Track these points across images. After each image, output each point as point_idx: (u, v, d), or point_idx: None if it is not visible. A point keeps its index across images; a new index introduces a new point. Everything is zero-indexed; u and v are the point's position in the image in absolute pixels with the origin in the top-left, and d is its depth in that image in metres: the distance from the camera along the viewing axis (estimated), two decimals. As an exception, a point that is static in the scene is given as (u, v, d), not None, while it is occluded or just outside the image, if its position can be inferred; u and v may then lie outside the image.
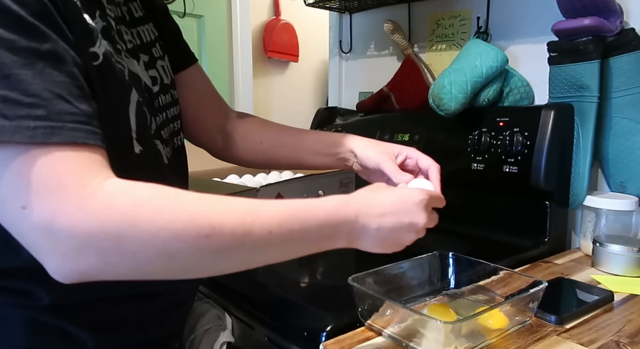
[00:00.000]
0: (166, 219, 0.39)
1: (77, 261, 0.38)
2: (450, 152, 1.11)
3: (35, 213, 0.37)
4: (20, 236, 0.39)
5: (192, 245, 0.40)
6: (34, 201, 0.37)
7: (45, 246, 0.38)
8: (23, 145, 0.37)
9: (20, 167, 0.37)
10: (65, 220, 0.37)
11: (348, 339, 0.61)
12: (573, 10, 0.93)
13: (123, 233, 0.38)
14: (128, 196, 0.40)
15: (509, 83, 1.09)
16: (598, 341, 0.61)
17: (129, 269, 0.40)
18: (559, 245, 1.01)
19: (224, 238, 0.41)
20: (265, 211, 0.44)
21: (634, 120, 0.93)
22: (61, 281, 0.40)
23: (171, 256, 0.40)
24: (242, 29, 2.52)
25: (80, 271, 0.39)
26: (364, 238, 0.52)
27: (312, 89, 2.90)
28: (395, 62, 1.42)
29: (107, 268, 0.39)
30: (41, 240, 0.38)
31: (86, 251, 0.38)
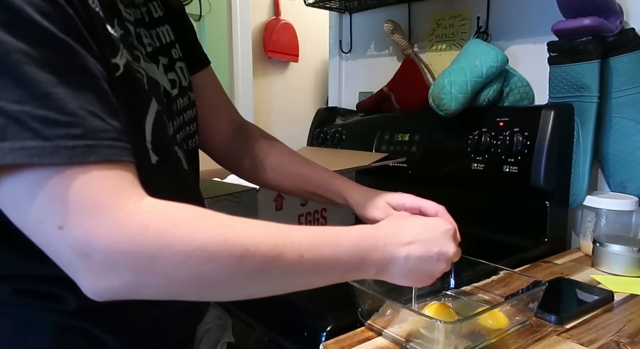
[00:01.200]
0: (201, 240, 0.39)
1: (111, 280, 0.38)
2: (450, 152, 1.11)
3: (72, 234, 0.37)
4: (55, 256, 0.39)
5: (225, 266, 0.40)
6: (71, 221, 0.37)
7: (80, 266, 0.38)
8: (58, 166, 0.37)
9: (57, 187, 0.37)
10: (102, 240, 0.37)
11: (348, 339, 0.61)
12: (573, 10, 0.93)
13: (158, 254, 0.38)
14: (163, 218, 0.40)
15: (509, 83, 1.09)
16: (598, 341, 0.61)
17: (161, 289, 0.40)
18: (559, 245, 1.01)
19: (256, 260, 0.41)
20: (296, 235, 0.44)
21: (634, 120, 0.93)
22: (94, 298, 0.40)
23: (203, 277, 0.40)
24: (242, 29, 2.52)
25: (113, 290, 0.39)
26: (393, 267, 0.50)
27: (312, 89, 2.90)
28: (395, 62, 1.42)
29: (140, 288, 0.40)
30: (77, 259, 0.38)
31: (121, 271, 0.38)
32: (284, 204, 0.98)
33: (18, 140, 0.36)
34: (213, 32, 2.42)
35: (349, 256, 0.47)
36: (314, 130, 1.50)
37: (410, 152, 1.19)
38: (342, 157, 1.19)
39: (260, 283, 0.43)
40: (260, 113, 2.68)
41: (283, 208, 0.98)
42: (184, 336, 0.64)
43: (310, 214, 1.04)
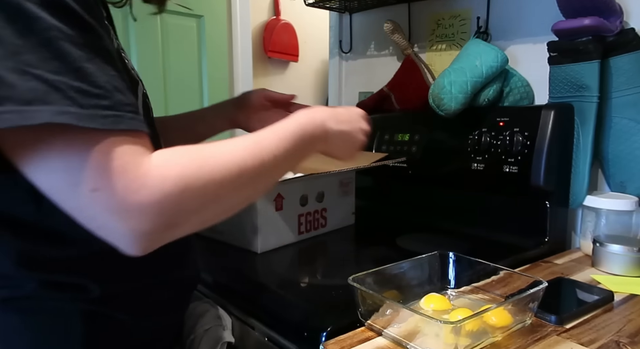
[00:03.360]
0: (208, 173, 0.46)
1: (148, 231, 0.42)
2: (450, 152, 1.11)
3: (105, 195, 0.40)
4: (89, 219, 0.42)
5: (231, 184, 0.48)
6: (104, 184, 0.40)
7: (116, 225, 0.41)
8: (92, 132, 0.40)
9: (90, 151, 0.40)
10: (133, 197, 0.41)
11: (348, 339, 0.61)
12: (573, 10, 0.93)
13: (181, 195, 0.43)
14: (174, 164, 0.45)
15: (509, 83, 1.09)
16: (598, 341, 0.61)
17: (191, 224, 0.46)
18: (559, 245, 1.01)
19: (250, 171, 0.49)
20: (264, 141, 0.53)
21: (634, 120, 0.93)
22: (135, 253, 0.44)
23: (219, 199, 0.48)
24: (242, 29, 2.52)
25: (151, 239, 0.43)
26: (331, 139, 0.64)
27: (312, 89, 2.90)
28: (395, 62, 1.42)
29: (174, 229, 0.45)
30: (113, 219, 0.41)
31: (155, 220, 0.42)
32: (284, 204, 0.98)
33: (60, 105, 0.39)
34: (213, 32, 2.42)
35: (303, 140, 0.58)
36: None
37: (410, 152, 1.19)
38: (342, 157, 1.19)
39: (258, 184, 0.53)
40: (260, 113, 2.68)
41: (283, 208, 0.98)
42: (181, 318, 0.71)
43: (310, 214, 1.04)
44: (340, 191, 1.12)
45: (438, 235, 1.08)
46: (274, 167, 0.53)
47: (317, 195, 1.05)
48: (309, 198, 1.04)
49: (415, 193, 1.21)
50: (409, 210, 1.22)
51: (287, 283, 0.81)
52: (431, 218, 1.16)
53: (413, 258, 0.75)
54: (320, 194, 1.06)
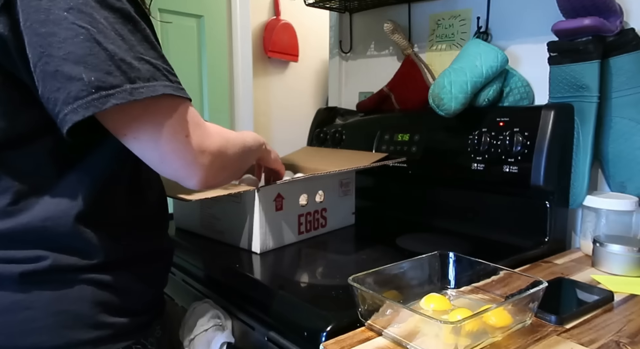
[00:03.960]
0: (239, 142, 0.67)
1: (214, 169, 0.59)
2: (450, 152, 1.11)
3: (194, 140, 0.56)
4: (179, 157, 0.55)
5: (242, 150, 0.68)
6: (192, 131, 0.56)
7: (198, 161, 0.57)
8: (179, 99, 0.56)
9: (182, 111, 0.56)
10: (208, 142, 0.58)
11: (348, 339, 0.61)
12: (573, 10, 0.93)
13: (226, 147, 0.62)
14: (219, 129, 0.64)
15: (509, 83, 1.09)
16: (598, 341, 0.61)
17: (228, 171, 0.64)
18: (559, 245, 1.01)
19: (247, 147, 0.71)
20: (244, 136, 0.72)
21: (634, 120, 0.93)
22: (199, 184, 0.58)
23: (239, 157, 0.66)
24: (242, 29, 2.52)
25: (215, 174, 0.59)
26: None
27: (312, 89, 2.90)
28: (395, 62, 1.42)
29: (222, 172, 0.61)
30: (197, 156, 0.56)
31: (215, 161, 0.59)
32: (284, 204, 0.98)
33: (163, 81, 0.53)
34: (213, 32, 2.42)
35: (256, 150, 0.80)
36: (314, 130, 1.50)
37: (410, 152, 1.19)
38: (342, 157, 1.19)
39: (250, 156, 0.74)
40: (260, 113, 2.68)
41: (283, 208, 0.98)
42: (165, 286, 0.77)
43: (310, 214, 1.04)
44: (340, 191, 1.12)
45: (438, 235, 1.08)
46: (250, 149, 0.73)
47: (317, 195, 1.05)
48: (309, 198, 1.04)
49: (415, 193, 1.21)
50: (409, 210, 1.22)
51: (287, 283, 0.81)
52: (431, 218, 1.16)
53: (413, 258, 0.75)
54: (320, 194, 1.06)
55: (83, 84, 0.48)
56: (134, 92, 0.50)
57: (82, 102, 0.48)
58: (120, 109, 0.51)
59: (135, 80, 0.50)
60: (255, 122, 2.63)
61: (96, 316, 0.59)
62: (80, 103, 0.48)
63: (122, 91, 0.49)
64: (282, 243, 0.99)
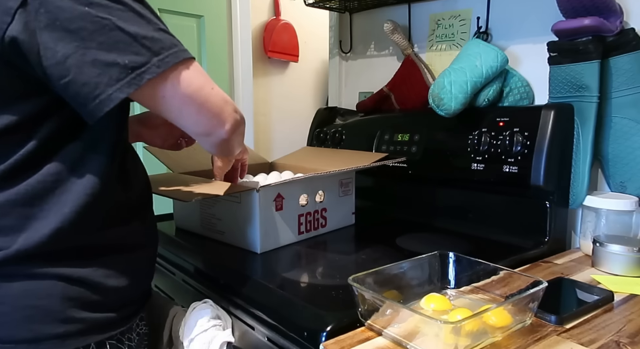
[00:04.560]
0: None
1: (235, 116, 0.66)
2: (450, 152, 1.11)
3: (217, 91, 0.63)
4: (208, 105, 0.62)
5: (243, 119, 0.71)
6: (213, 84, 0.63)
7: (226, 108, 0.65)
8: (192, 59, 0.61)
9: (198, 69, 0.62)
10: (225, 95, 0.65)
11: (348, 339, 0.61)
12: (573, 10, 0.93)
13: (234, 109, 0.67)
14: None
15: (509, 83, 1.09)
16: (598, 341, 0.61)
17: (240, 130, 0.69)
18: (559, 245, 1.01)
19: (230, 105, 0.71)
20: None
21: (634, 120, 0.93)
22: (229, 131, 0.65)
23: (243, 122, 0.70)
24: (242, 29, 2.51)
25: (236, 123, 0.66)
26: None
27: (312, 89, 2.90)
28: (395, 62, 1.42)
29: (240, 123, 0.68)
30: (224, 104, 0.64)
31: (236, 111, 0.67)
32: (284, 204, 0.98)
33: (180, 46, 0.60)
34: (213, 32, 2.41)
35: None
36: (314, 130, 1.50)
37: (410, 152, 1.19)
38: (342, 157, 1.19)
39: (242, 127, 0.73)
40: (260, 113, 2.68)
41: (283, 208, 0.98)
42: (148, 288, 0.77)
43: (310, 214, 1.04)
44: (340, 191, 1.12)
45: (438, 235, 1.08)
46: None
47: (317, 195, 1.05)
48: (309, 198, 1.04)
49: (415, 193, 1.21)
50: (409, 210, 1.22)
51: (287, 283, 0.81)
52: (431, 218, 1.16)
53: (413, 258, 0.75)
54: (320, 194, 1.06)
55: (120, 68, 0.56)
56: (160, 63, 0.58)
57: (124, 82, 0.56)
58: (154, 81, 0.58)
59: (160, 51, 0.58)
60: (255, 122, 2.63)
61: (66, 311, 0.60)
62: (123, 83, 0.56)
63: (151, 65, 0.57)
64: (282, 243, 0.99)
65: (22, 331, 0.58)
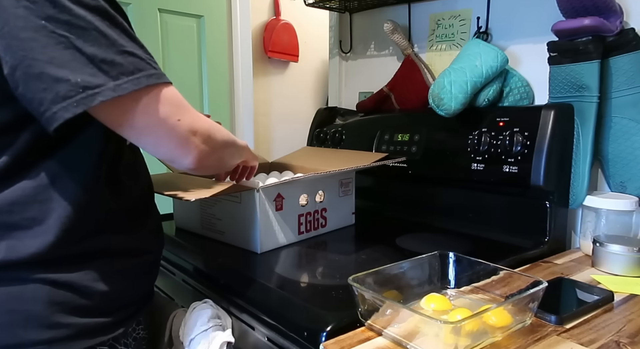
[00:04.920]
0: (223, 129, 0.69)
1: (204, 149, 0.62)
2: (450, 152, 1.11)
3: (185, 122, 0.59)
4: (173, 138, 0.59)
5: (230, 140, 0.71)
6: (182, 114, 0.59)
7: (190, 141, 0.60)
8: (165, 84, 0.58)
9: (167, 96, 0.58)
10: (197, 124, 0.61)
11: (348, 339, 0.61)
12: (573, 10, 0.93)
13: (213, 130, 0.65)
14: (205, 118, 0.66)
15: (509, 83, 1.09)
16: (598, 341, 0.61)
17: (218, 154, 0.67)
18: (559, 245, 1.01)
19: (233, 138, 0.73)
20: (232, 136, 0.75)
21: (634, 120, 0.93)
22: (194, 164, 0.61)
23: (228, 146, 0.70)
24: (242, 29, 2.51)
25: (206, 153, 0.62)
26: None
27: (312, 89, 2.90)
28: (395, 62, 1.42)
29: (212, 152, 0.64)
30: (189, 137, 0.60)
31: (206, 141, 0.62)
32: (284, 204, 0.98)
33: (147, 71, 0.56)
34: (213, 32, 2.41)
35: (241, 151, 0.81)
36: (314, 130, 1.50)
37: (410, 152, 1.19)
38: (342, 157, 1.19)
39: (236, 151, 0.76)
40: (260, 113, 2.68)
41: (283, 208, 0.98)
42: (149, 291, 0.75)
43: (310, 214, 1.04)
44: (340, 191, 1.12)
45: (438, 235, 1.08)
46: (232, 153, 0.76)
47: (317, 195, 1.05)
48: (309, 198, 1.04)
49: (415, 193, 1.21)
50: (409, 210, 1.22)
51: (287, 283, 0.81)
52: (431, 218, 1.16)
53: (413, 258, 0.75)
54: (320, 194, 1.06)
55: (70, 85, 0.51)
56: (117, 88, 0.53)
57: (72, 101, 0.51)
58: (110, 104, 0.54)
59: (118, 77, 0.53)
60: (255, 122, 2.63)
61: (51, 316, 0.58)
62: (70, 102, 0.51)
63: (106, 89, 0.52)
64: (282, 243, 0.99)
65: (5, 336, 0.56)
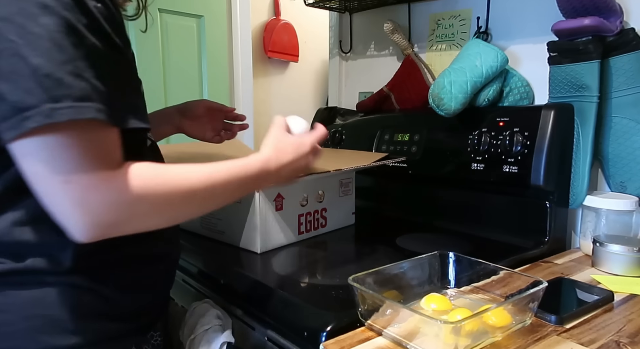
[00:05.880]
0: (164, 190, 0.53)
1: (100, 224, 0.49)
2: (450, 152, 1.11)
3: (77, 187, 0.47)
4: (52, 204, 0.48)
5: (182, 202, 0.56)
6: (77, 177, 0.47)
7: (74, 213, 0.48)
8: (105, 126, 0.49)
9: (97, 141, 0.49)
10: (100, 194, 0.48)
11: (348, 339, 0.61)
12: (573, 10, 0.93)
13: (139, 202, 0.51)
14: (140, 176, 0.52)
15: (509, 83, 1.09)
16: (598, 341, 0.61)
17: (136, 227, 0.53)
18: (559, 245, 1.01)
19: (200, 194, 0.58)
20: (220, 172, 0.61)
21: (634, 120, 0.93)
22: (82, 240, 0.49)
23: (165, 213, 0.56)
24: (242, 29, 2.52)
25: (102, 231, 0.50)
26: (274, 176, 0.71)
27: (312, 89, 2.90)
28: (395, 62, 1.42)
29: (120, 227, 0.51)
30: (73, 208, 0.47)
31: (107, 217, 0.49)
32: (284, 204, 0.98)
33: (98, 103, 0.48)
34: (213, 32, 2.42)
35: (254, 181, 0.67)
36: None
37: (410, 152, 1.19)
38: (342, 157, 1.19)
39: (206, 205, 0.61)
40: (260, 113, 2.68)
41: (283, 208, 0.98)
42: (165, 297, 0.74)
43: (310, 214, 1.04)
44: (340, 191, 1.12)
45: (438, 235, 1.08)
46: (222, 195, 0.62)
47: (317, 195, 1.05)
48: (309, 198, 1.04)
49: (415, 193, 1.21)
50: (409, 210, 1.22)
51: (287, 283, 0.81)
52: (431, 218, 1.16)
53: (413, 258, 0.75)
54: (320, 194, 1.06)
55: (7, 104, 0.45)
56: (52, 113, 0.45)
57: (8, 124, 0.45)
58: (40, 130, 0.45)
59: (60, 99, 0.45)
60: (255, 122, 2.63)
61: (74, 321, 0.57)
62: (6, 126, 0.45)
63: (37, 113, 0.45)
64: (282, 243, 0.99)
65: (28, 342, 0.55)
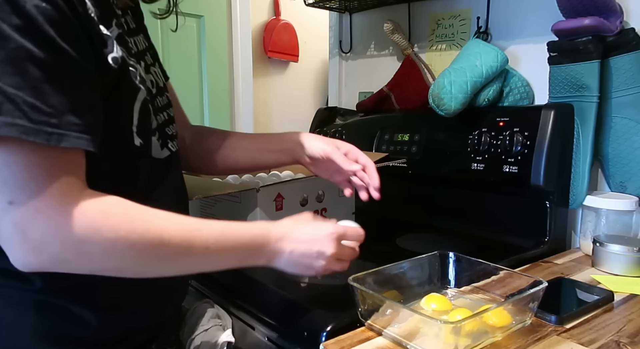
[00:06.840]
0: (125, 230, 0.47)
1: (40, 255, 0.45)
2: (450, 152, 1.11)
3: (19, 210, 0.44)
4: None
5: (143, 253, 0.49)
6: (21, 199, 0.44)
7: (15, 239, 0.45)
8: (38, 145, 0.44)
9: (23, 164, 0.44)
10: (42, 221, 0.44)
11: (348, 339, 0.61)
12: (573, 10, 0.93)
13: (87, 239, 0.46)
14: (98, 209, 0.47)
15: (509, 83, 1.09)
16: (598, 341, 0.61)
17: (83, 268, 0.48)
18: (559, 245, 1.01)
19: (170, 249, 0.50)
20: (205, 229, 0.54)
21: (634, 120, 0.93)
22: (21, 269, 0.46)
23: (123, 260, 0.49)
24: (242, 29, 2.52)
25: (40, 263, 0.46)
26: (279, 258, 0.61)
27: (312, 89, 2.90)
28: (395, 62, 1.42)
29: (65, 263, 0.47)
30: (15, 233, 0.44)
31: (51, 249, 0.45)
32: (284, 204, 0.98)
33: (11, 117, 0.43)
34: (213, 32, 2.41)
35: (246, 249, 0.58)
36: (314, 130, 1.50)
37: (410, 152, 1.19)
38: (342, 157, 1.19)
39: (172, 266, 0.52)
40: (260, 113, 2.68)
41: (283, 208, 0.98)
42: (166, 318, 0.68)
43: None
44: (340, 191, 1.12)
45: (438, 235, 1.08)
46: (202, 257, 0.54)
47: (317, 195, 1.05)
48: (309, 198, 1.04)
49: (415, 193, 1.21)
50: (409, 210, 1.22)
51: (287, 283, 0.81)
52: (431, 218, 1.16)
53: (413, 258, 0.75)
54: (320, 194, 1.06)
55: None
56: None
57: None
58: None
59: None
60: (255, 122, 2.63)
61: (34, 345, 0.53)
62: None
63: None
64: (282, 243, 0.99)
65: None
